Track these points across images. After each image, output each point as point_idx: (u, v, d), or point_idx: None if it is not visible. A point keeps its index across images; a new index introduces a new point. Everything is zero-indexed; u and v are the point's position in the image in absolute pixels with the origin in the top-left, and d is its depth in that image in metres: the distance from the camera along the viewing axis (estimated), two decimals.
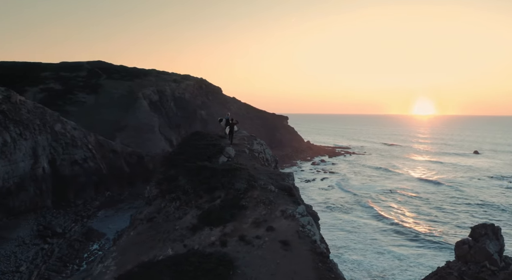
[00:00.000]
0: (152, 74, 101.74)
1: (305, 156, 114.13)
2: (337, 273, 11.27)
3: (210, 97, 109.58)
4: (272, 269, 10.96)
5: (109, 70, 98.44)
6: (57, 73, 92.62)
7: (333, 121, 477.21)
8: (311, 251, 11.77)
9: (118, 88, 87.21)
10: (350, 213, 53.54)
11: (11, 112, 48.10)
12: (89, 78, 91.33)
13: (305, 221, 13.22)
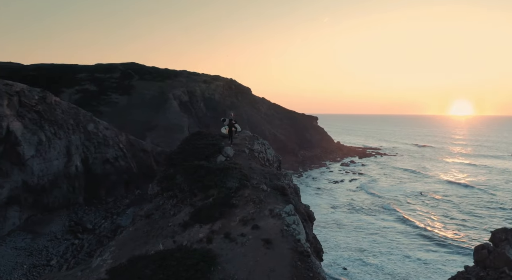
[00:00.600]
0: (183, 75, 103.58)
1: (335, 157, 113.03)
2: (317, 272, 11.34)
3: (239, 98, 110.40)
4: (251, 266, 11.23)
5: (142, 72, 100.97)
6: (92, 74, 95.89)
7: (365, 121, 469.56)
8: (292, 250, 11.94)
9: (149, 89, 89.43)
10: (376, 215, 52.73)
11: (47, 112, 50.30)
12: (122, 80, 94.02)
13: (291, 220, 13.36)
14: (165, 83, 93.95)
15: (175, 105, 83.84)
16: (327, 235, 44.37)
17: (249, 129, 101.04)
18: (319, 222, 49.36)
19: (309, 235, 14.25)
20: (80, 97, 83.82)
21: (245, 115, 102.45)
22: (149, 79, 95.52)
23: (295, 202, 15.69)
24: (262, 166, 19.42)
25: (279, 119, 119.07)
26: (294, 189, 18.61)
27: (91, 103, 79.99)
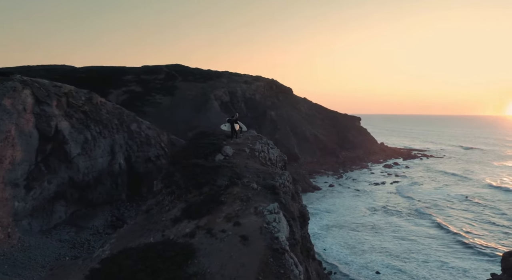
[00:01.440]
0: (225, 76, 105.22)
1: (378, 158, 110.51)
2: (289, 269, 11.44)
3: (281, 98, 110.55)
4: (224, 260, 11.58)
5: (185, 73, 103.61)
6: (138, 76, 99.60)
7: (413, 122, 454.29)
8: (266, 247, 12.18)
9: (192, 90, 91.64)
10: (415, 219, 51.16)
11: (92, 112, 52.95)
12: (166, 81, 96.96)
13: (271, 218, 13.53)
14: (207, 84, 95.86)
15: (216, 105, 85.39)
16: (362, 238, 43.67)
17: (289, 129, 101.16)
18: (355, 224, 48.70)
19: (295, 233, 14.33)
20: (127, 97, 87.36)
21: (285, 115, 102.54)
22: (191, 80, 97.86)
23: (286, 201, 15.76)
24: (262, 165, 19.61)
25: (320, 120, 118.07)
26: (293, 188, 18.70)
27: (136, 104, 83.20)
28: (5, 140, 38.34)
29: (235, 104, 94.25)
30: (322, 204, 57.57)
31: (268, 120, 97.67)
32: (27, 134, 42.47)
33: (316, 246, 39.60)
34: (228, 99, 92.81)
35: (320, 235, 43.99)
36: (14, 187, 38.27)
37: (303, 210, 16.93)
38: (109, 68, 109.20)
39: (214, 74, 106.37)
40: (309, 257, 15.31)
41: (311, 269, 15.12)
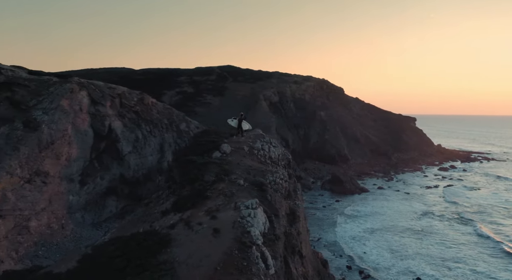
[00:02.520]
0: (274, 76, 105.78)
1: (433, 161, 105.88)
2: (253, 262, 11.65)
3: (331, 98, 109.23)
4: (193, 251, 12.06)
5: (236, 74, 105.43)
6: (191, 77, 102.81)
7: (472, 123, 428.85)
8: (234, 240, 12.59)
9: (241, 90, 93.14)
10: (466, 226, 48.65)
11: (143, 112, 55.61)
12: (217, 82, 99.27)
13: (246, 213, 13.84)
14: (257, 85, 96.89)
15: (264, 105, 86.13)
16: (406, 242, 42.37)
17: (339, 129, 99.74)
18: (401, 228, 47.29)
19: (276, 229, 14.52)
20: (179, 98, 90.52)
21: (335, 116, 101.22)
22: (241, 81, 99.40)
23: (272, 198, 15.91)
24: (261, 163, 19.83)
25: (372, 120, 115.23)
26: (292, 186, 18.79)
27: (188, 104, 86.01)
28: (62, 138, 41.44)
29: (284, 104, 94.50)
30: (368, 207, 56.39)
31: (318, 120, 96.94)
32: (82, 133, 45.59)
33: (354, 249, 39.14)
34: (277, 99, 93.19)
35: (361, 238, 43.24)
36: (69, 182, 41.28)
37: (295, 207, 17.07)
38: (165, 70, 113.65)
39: (264, 74, 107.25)
40: (294, 253, 15.48)
41: (294, 265, 15.24)
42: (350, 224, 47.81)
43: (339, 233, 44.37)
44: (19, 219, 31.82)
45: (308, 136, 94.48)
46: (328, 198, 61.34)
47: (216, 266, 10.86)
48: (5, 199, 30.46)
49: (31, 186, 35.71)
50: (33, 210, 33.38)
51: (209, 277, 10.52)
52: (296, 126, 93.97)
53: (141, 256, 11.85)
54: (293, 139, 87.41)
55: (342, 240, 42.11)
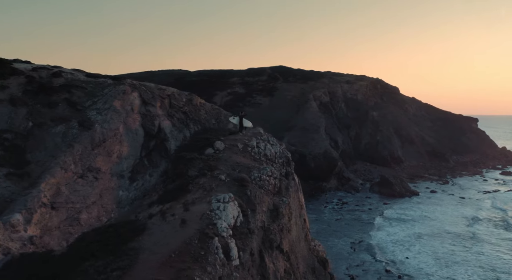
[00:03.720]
0: (326, 76, 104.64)
1: (495, 164, 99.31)
2: (211, 253, 12.03)
3: (385, 98, 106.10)
4: (158, 239, 12.57)
5: (287, 74, 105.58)
6: (243, 78, 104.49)
7: None
8: (197, 230, 12.98)
9: (291, 91, 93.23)
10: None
11: (192, 112, 57.53)
12: (268, 82, 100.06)
13: (215, 206, 14.11)
14: (308, 85, 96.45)
15: (314, 105, 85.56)
16: (455, 249, 40.45)
17: (393, 130, 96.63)
18: (451, 234, 45.16)
19: (251, 223, 14.63)
20: (230, 99, 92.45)
21: (389, 116, 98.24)
22: (292, 81, 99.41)
23: (252, 193, 16.01)
24: (253, 161, 19.88)
25: (430, 121, 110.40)
26: (283, 183, 18.71)
27: (238, 104, 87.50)
28: (113, 137, 44.10)
29: (335, 104, 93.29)
30: (417, 211, 54.30)
31: (370, 121, 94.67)
32: (133, 132, 48.15)
33: (395, 254, 38.08)
34: (328, 100, 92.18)
35: (406, 243, 41.85)
36: (119, 178, 43.82)
37: (279, 204, 17.12)
38: (218, 71, 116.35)
39: (315, 74, 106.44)
40: (272, 248, 15.58)
41: (272, 260, 15.30)
42: (395, 228, 46.38)
43: (382, 237, 43.26)
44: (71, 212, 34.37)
45: (359, 137, 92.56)
46: (375, 200, 59.84)
47: (171, 254, 11.45)
48: (59, 192, 32.90)
49: (84, 181, 38.36)
50: (84, 203, 35.89)
51: (162, 262, 11.13)
52: (347, 127, 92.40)
53: (116, 242, 12.75)
54: (343, 140, 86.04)
55: (384, 244, 41.04)
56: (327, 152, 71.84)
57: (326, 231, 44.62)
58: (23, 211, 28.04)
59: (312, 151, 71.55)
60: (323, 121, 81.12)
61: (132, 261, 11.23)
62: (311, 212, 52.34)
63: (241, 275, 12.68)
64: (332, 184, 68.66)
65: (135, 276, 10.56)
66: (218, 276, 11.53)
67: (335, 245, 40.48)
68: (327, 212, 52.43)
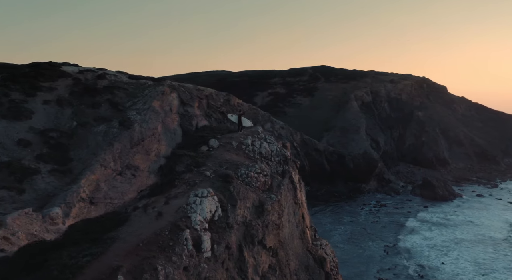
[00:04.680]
0: (369, 76, 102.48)
1: None
2: (180, 244, 12.54)
3: (431, 97, 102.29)
4: (135, 229, 13.30)
5: (328, 74, 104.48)
6: (284, 78, 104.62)
7: None
8: (170, 222, 13.44)
9: (332, 91, 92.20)
10: None
11: (229, 112, 58.57)
12: (309, 82, 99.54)
13: (192, 200, 14.52)
14: (349, 84, 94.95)
15: (355, 106, 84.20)
16: (498, 257, 38.55)
17: (439, 131, 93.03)
18: (495, 240, 43.03)
19: (230, 218, 14.75)
20: (271, 99, 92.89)
21: (435, 116, 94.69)
22: (334, 81, 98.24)
23: (236, 189, 16.10)
24: (247, 158, 19.88)
25: (480, 121, 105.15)
26: (275, 181, 18.63)
27: (278, 105, 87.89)
28: (152, 136, 45.85)
29: (377, 104, 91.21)
30: (460, 215, 52.11)
31: (415, 121, 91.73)
32: (171, 131, 49.79)
33: (430, 259, 36.92)
34: (370, 99, 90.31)
35: (444, 248, 40.39)
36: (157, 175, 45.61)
37: (265, 201, 17.15)
38: (260, 72, 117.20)
39: (358, 74, 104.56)
40: (253, 243, 15.71)
41: (253, 254, 15.43)
42: (434, 232, 44.80)
43: (418, 241, 41.99)
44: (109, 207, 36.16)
45: (403, 138, 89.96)
46: (416, 203, 57.99)
47: (140, 243, 11.97)
48: (98, 188, 34.72)
49: (122, 178, 40.17)
50: (122, 199, 37.62)
51: (129, 251, 11.69)
52: (390, 127, 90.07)
53: (98, 231, 13.65)
54: (385, 141, 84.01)
55: (420, 248, 39.82)
56: (367, 153, 70.54)
57: (360, 234, 43.96)
58: (63, 205, 29.93)
59: (351, 152, 70.52)
60: (364, 121, 79.65)
61: (105, 249, 11.99)
62: (346, 214, 51.80)
63: (211, 266, 13.11)
64: (372, 186, 67.33)
65: (102, 262, 11.35)
66: (183, 266, 12.03)
67: (368, 248, 39.82)
68: (364, 214, 51.57)
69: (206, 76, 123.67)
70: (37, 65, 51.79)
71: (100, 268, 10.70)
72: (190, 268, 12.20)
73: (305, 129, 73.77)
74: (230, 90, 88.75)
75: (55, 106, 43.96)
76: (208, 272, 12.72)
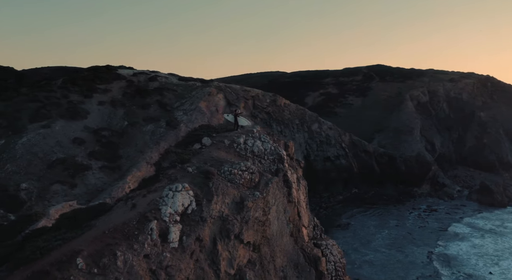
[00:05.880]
0: (427, 74, 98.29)
1: None
2: (144, 233, 13.17)
3: (495, 97, 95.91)
4: (110, 220, 14.08)
5: (384, 73, 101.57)
6: (337, 78, 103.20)
7: None
8: (140, 213, 13.87)
9: (386, 90, 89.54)
10: None
11: (275, 113, 59.23)
12: (362, 82, 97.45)
13: (164, 194, 14.86)
14: (405, 84, 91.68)
15: (410, 106, 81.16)
16: None
17: (503, 133, 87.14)
18: None
19: (204, 212, 14.86)
20: (322, 99, 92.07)
21: (499, 117, 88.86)
22: (389, 81, 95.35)
23: (215, 185, 16.15)
24: (237, 156, 19.74)
25: None
26: (262, 179, 18.50)
27: (329, 105, 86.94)
28: None
29: (435, 104, 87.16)
30: None
31: (476, 122, 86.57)
32: None
33: (477, 268, 35.07)
34: (427, 99, 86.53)
35: (495, 257, 37.99)
36: None
37: (246, 197, 17.15)
38: (312, 72, 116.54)
39: (415, 73, 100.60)
40: (229, 237, 15.84)
41: (228, 248, 15.57)
42: (486, 240, 42.19)
43: (466, 248, 39.82)
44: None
45: (462, 140, 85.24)
46: (470, 209, 54.81)
47: (105, 231, 12.68)
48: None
49: None
50: None
51: (95, 237, 12.47)
52: (448, 129, 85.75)
53: (82, 219, 14.71)
54: (442, 143, 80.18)
55: (467, 256, 37.77)
56: (420, 155, 67.82)
57: (404, 238, 42.52)
58: (107, 199, 32.12)
59: (403, 154, 68.14)
60: (419, 122, 76.55)
61: (78, 235, 13.04)
62: (393, 218, 50.27)
63: (177, 256, 13.67)
64: (424, 190, 64.62)
65: (69, 246, 12.40)
66: (143, 254, 12.72)
67: (411, 253, 38.47)
68: (411, 219, 49.72)
69: (259, 77, 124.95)
70: (95, 69, 55.71)
71: (65, 251, 11.88)
72: (151, 256, 13.01)
73: (356, 130, 72.35)
74: (282, 90, 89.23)
75: (109, 106, 47.13)
76: (171, 261, 13.47)
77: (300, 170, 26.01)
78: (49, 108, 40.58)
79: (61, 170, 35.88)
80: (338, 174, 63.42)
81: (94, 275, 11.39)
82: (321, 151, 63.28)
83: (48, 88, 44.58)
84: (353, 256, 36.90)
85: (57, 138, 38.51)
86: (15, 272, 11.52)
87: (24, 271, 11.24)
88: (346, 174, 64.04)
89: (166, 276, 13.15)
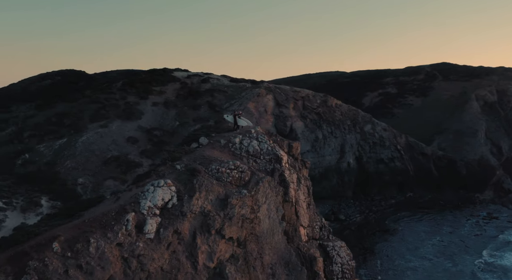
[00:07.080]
0: (496, 72, 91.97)
1: None
2: (120, 224, 14.02)
3: None
4: (96, 210, 15.53)
5: (448, 71, 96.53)
6: (397, 78, 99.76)
7: None
8: (120, 206, 14.94)
9: (449, 90, 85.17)
10: None
11: (326, 113, 58.88)
12: (424, 81, 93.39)
13: (146, 189, 15.80)
14: (471, 83, 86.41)
15: (475, 106, 76.57)
16: None
17: None
18: None
19: (184, 206, 15.17)
20: (380, 100, 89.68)
21: None
22: (453, 79, 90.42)
23: (200, 182, 16.27)
24: (232, 155, 19.58)
25: None
26: (253, 178, 18.30)
27: (387, 106, 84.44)
28: None
29: (504, 104, 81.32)
30: None
31: None
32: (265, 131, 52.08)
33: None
34: (495, 99, 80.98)
35: None
36: None
37: (230, 194, 17.20)
38: (372, 72, 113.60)
39: (483, 71, 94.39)
40: (210, 232, 16.10)
41: (207, 242, 15.86)
42: None
43: None
44: None
45: None
46: None
47: (86, 220, 13.68)
48: None
49: None
50: None
51: (75, 225, 13.65)
52: None
53: (78, 209, 15.95)
54: (510, 146, 74.60)
55: None
56: (483, 158, 63.92)
57: (456, 246, 40.47)
58: None
59: (464, 157, 64.58)
60: (484, 123, 72.04)
61: (64, 222, 14.28)
62: (447, 224, 47.94)
63: (151, 246, 14.62)
64: (487, 196, 60.68)
65: (52, 232, 13.85)
66: (116, 242, 13.64)
67: (462, 262, 36.63)
68: (468, 226, 47.03)
69: (317, 77, 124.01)
70: (153, 71, 59.02)
71: (46, 236, 13.41)
72: (124, 245, 14.18)
73: (414, 131, 69.72)
74: (339, 91, 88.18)
75: (162, 107, 49.82)
76: (144, 251, 14.56)
77: (305, 170, 26.13)
78: (108, 109, 43.71)
79: (115, 167, 38.46)
80: (392, 177, 61.56)
81: (67, 258, 12.89)
82: (374, 153, 61.80)
83: (108, 90, 47.99)
84: (397, 262, 35.93)
85: (113, 137, 41.37)
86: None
87: (8, 252, 13.03)
88: (401, 177, 61.98)
89: (138, 264, 14.35)
